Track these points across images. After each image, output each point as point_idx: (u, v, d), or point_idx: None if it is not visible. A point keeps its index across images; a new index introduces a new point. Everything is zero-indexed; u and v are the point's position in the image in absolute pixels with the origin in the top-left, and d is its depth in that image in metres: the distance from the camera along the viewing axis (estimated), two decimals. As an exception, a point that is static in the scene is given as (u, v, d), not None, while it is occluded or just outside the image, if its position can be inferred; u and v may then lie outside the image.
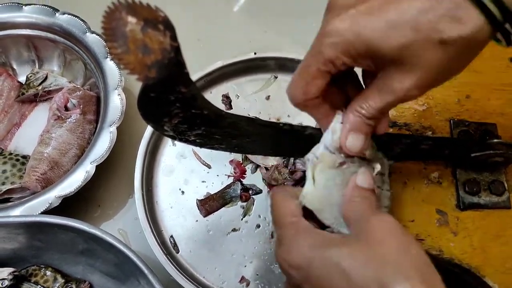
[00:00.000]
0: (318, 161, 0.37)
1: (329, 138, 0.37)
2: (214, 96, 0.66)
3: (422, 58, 0.31)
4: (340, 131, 0.36)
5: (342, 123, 0.36)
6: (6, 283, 0.51)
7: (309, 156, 0.39)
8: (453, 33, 0.29)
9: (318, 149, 0.38)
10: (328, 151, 0.37)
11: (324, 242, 0.31)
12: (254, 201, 0.61)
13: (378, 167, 0.39)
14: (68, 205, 0.57)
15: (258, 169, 0.62)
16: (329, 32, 0.32)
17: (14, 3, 0.66)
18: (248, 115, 0.62)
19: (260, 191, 0.61)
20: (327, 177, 0.37)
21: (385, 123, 0.37)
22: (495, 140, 0.47)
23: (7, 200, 0.61)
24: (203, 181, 0.62)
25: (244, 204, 0.60)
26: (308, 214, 0.37)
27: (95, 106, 0.66)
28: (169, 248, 0.58)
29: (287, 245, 0.33)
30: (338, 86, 0.37)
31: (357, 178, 0.36)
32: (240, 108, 0.66)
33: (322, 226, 0.37)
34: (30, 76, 0.67)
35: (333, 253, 0.30)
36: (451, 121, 0.50)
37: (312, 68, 0.33)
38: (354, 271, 0.28)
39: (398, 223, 0.31)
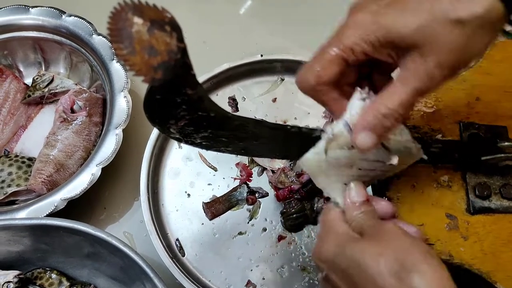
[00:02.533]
0: (333, 138, 0.38)
1: (347, 115, 0.37)
2: (220, 98, 0.66)
3: (440, 37, 0.32)
4: (356, 112, 0.36)
5: (363, 99, 0.36)
6: (12, 285, 0.51)
7: (328, 129, 0.38)
8: (466, 11, 0.31)
9: (337, 126, 0.37)
10: (347, 129, 0.37)
11: (346, 241, 0.36)
12: (260, 204, 0.60)
13: (394, 160, 0.39)
14: (74, 208, 0.57)
15: (265, 172, 0.62)
16: (350, 23, 0.35)
17: (21, 5, 0.67)
18: (254, 118, 0.61)
19: (266, 194, 0.60)
20: (336, 155, 0.38)
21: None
22: (506, 143, 0.46)
23: (13, 202, 0.61)
24: (209, 184, 0.62)
25: (251, 207, 0.60)
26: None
27: (101, 108, 0.66)
28: (175, 251, 0.58)
29: (320, 242, 0.38)
30: (361, 76, 0.39)
31: (350, 193, 0.39)
32: (247, 110, 0.66)
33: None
34: (37, 78, 0.67)
35: (351, 249, 0.34)
36: (461, 123, 0.50)
37: (330, 53, 0.35)
38: (369, 263, 0.32)
39: (400, 228, 0.35)
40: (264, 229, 0.59)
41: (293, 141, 0.42)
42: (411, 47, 0.33)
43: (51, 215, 0.55)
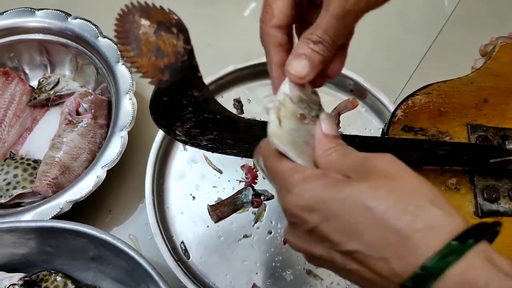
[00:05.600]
0: (281, 105, 0.34)
1: (286, 87, 0.35)
2: (225, 101, 0.66)
3: None
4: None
5: None
6: (17, 288, 0.51)
7: (269, 104, 0.37)
8: None
9: (278, 96, 0.35)
10: (289, 98, 0.34)
11: (337, 182, 0.30)
12: (265, 207, 0.60)
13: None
14: (79, 210, 0.57)
15: (270, 175, 0.61)
16: None
17: (26, 8, 0.67)
18: (260, 120, 0.61)
19: (272, 197, 0.60)
20: (292, 126, 0.34)
21: (339, 63, 0.37)
22: (515, 146, 0.46)
23: (18, 204, 0.61)
24: (214, 186, 0.61)
25: (256, 210, 0.60)
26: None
27: (107, 110, 0.66)
28: (180, 254, 0.58)
29: (298, 189, 0.30)
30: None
31: (322, 127, 0.34)
32: (252, 112, 0.66)
33: None
34: (42, 81, 0.67)
35: (351, 190, 0.29)
36: (469, 126, 0.49)
37: None
38: (376, 204, 0.27)
39: (400, 161, 0.30)
40: (270, 232, 0.59)
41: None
42: None
43: (56, 217, 0.54)
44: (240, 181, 0.61)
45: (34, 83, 0.70)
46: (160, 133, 0.61)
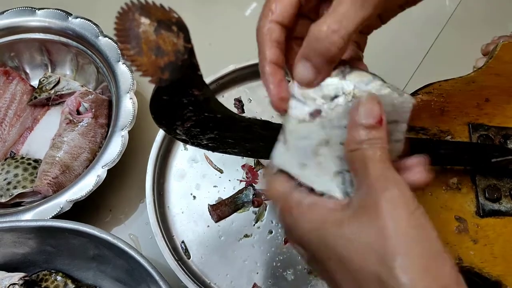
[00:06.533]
0: (287, 117, 0.32)
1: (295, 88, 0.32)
2: (226, 100, 0.66)
3: None
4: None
5: None
6: (17, 288, 0.51)
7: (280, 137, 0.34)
8: None
9: (283, 120, 0.33)
10: (297, 100, 0.32)
11: (320, 220, 0.28)
12: (266, 206, 0.60)
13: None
14: (79, 210, 0.57)
15: (271, 174, 0.61)
16: None
17: (27, 7, 0.67)
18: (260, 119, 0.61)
19: (272, 197, 0.60)
20: (300, 135, 0.31)
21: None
22: (516, 145, 0.46)
23: (19, 204, 0.61)
24: (214, 186, 0.61)
25: (256, 209, 0.60)
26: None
27: (107, 110, 0.66)
28: (180, 254, 0.58)
29: (288, 223, 0.30)
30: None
31: (358, 113, 0.29)
32: (253, 112, 0.66)
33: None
34: (43, 80, 0.67)
35: (329, 235, 0.27)
36: (470, 125, 0.49)
37: None
38: (350, 258, 0.26)
39: (409, 198, 0.27)
40: (270, 232, 0.59)
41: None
42: None
43: (57, 217, 0.54)
44: (241, 181, 0.61)
45: (35, 83, 0.70)
46: (161, 133, 0.61)
